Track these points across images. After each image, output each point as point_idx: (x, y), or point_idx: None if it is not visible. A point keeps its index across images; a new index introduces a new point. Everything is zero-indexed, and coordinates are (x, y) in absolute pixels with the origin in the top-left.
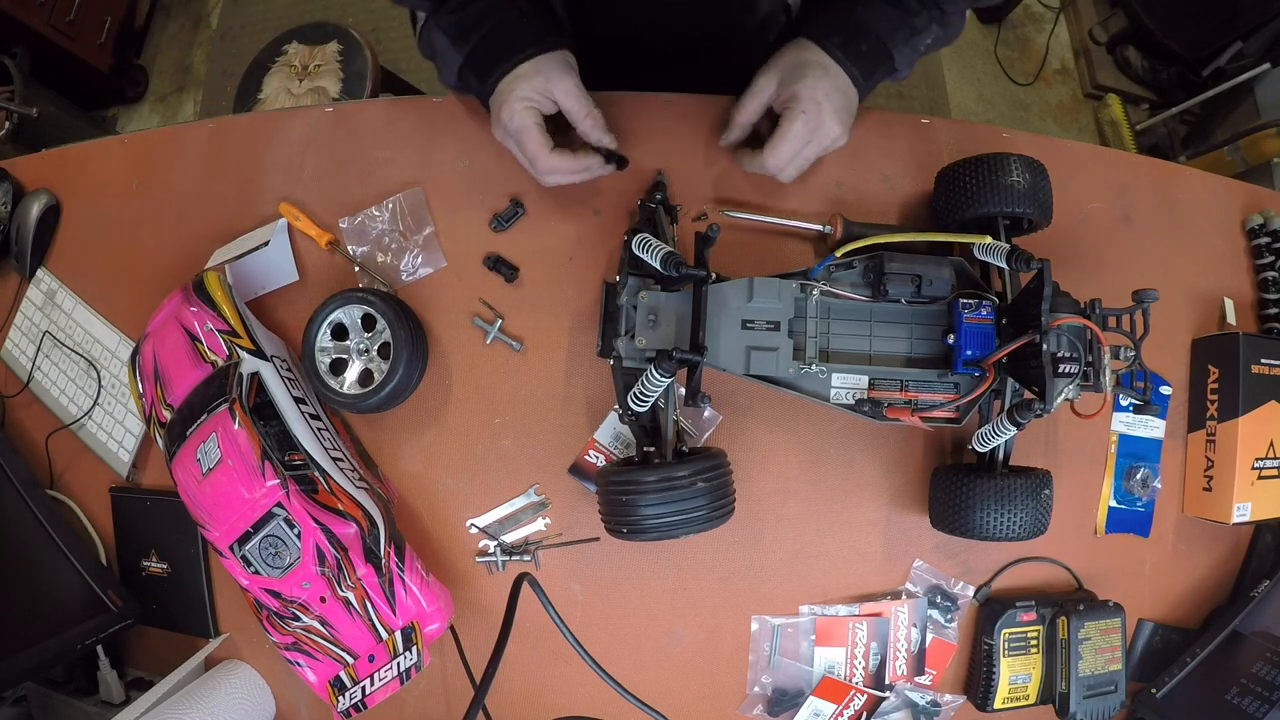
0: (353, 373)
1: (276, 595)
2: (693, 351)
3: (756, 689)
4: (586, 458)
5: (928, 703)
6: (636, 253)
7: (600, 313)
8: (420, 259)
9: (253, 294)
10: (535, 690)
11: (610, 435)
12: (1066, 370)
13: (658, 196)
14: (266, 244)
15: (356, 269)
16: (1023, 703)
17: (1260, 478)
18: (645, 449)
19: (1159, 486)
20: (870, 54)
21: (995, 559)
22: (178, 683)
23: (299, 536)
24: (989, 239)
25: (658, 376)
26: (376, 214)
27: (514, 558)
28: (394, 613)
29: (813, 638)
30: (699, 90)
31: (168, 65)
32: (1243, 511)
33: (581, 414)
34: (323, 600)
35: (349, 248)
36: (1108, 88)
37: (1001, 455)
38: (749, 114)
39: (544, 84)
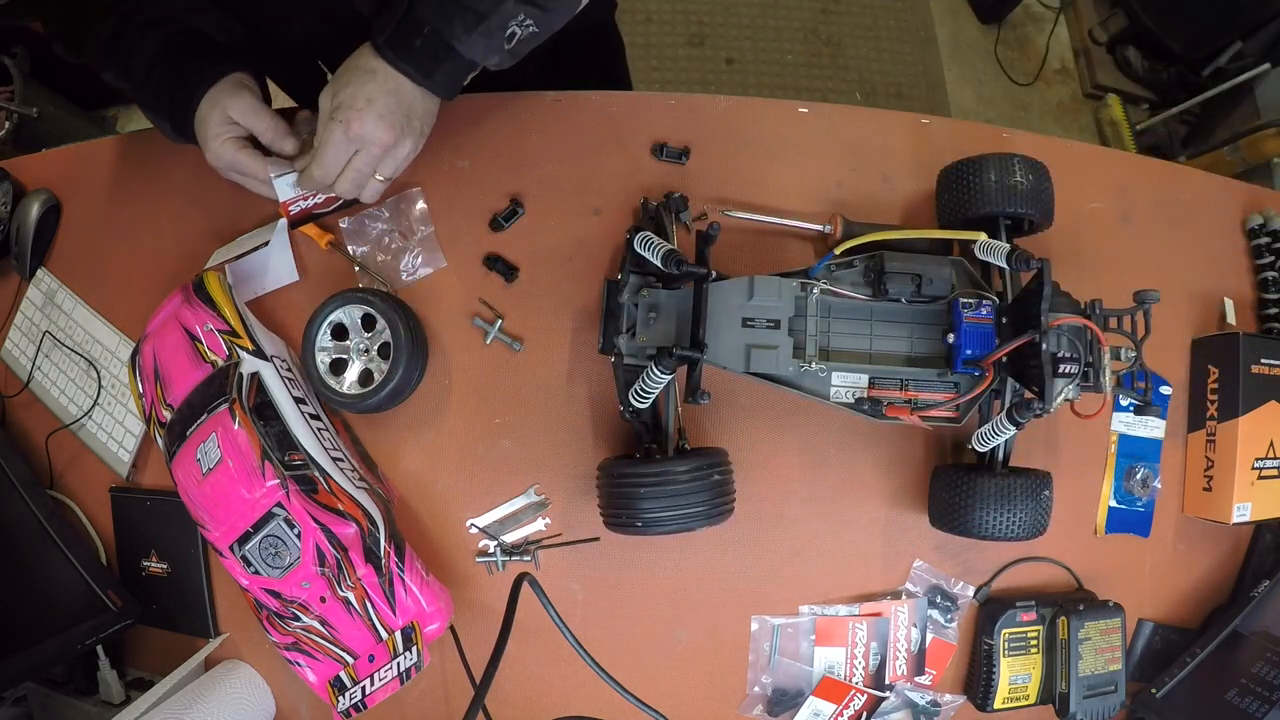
0: (353, 373)
1: (276, 595)
2: (693, 349)
3: (756, 689)
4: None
5: (928, 703)
6: (638, 250)
7: (601, 310)
8: (420, 259)
9: (253, 294)
10: (535, 690)
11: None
12: (1066, 370)
13: (675, 196)
14: (266, 244)
15: (357, 269)
16: (1023, 703)
17: (1260, 478)
18: (647, 445)
19: (1159, 486)
20: (425, 49)
21: (995, 559)
22: (178, 683)
23: (299, 536)
24: (984, 236)
25: (658, 373)
26: (376, 214)
27: (514, 558)
28: (394, 613)
29: (813, 638)
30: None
31: None
32: (1243, 511)
33: (583, 413)
34: (323, 600)
35: (349, 248)
36: (1108, 88)
37: (1001, 455)
38: (301, 130)
39: (222, 114)
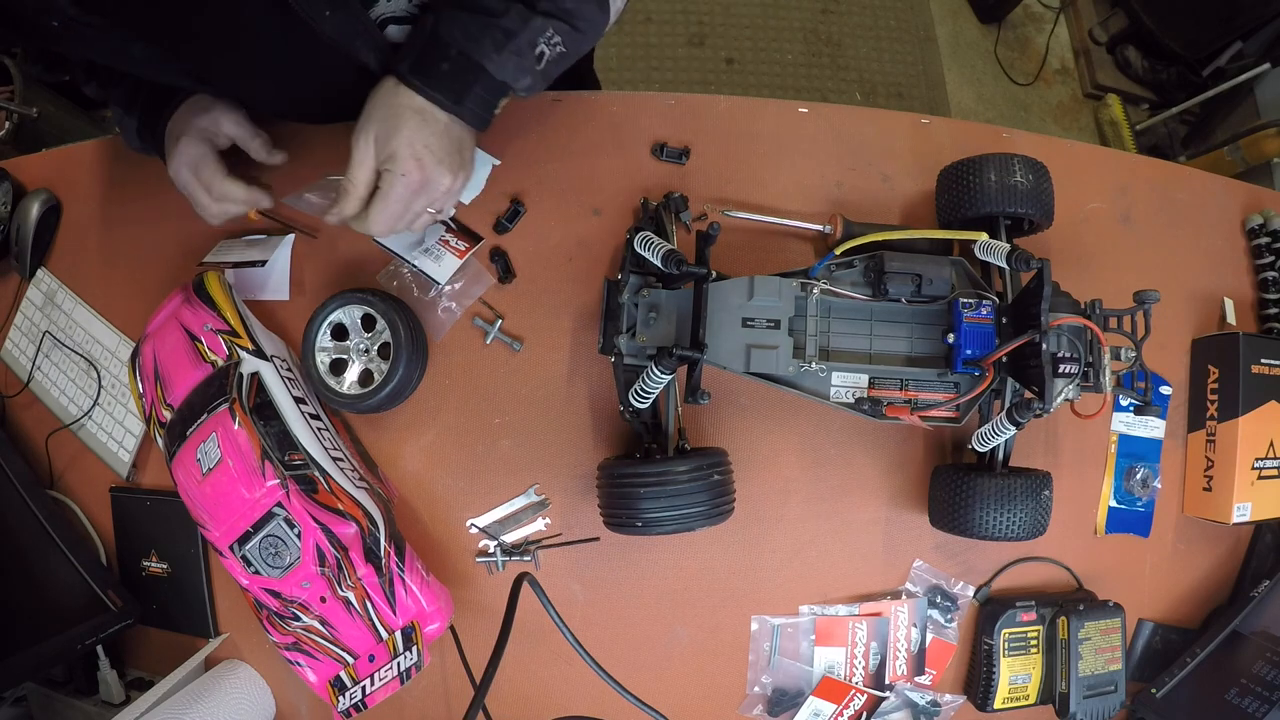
0: (353, 373)
1: (276, 595)
2: (693, 349)
3: (756, 689)
4: None
5: (928, 703)
6: (638, 250)
7: (602, 310)
8: (439, 320)
9: (251, 295)
10: (535, 690)
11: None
12: (1066, 370)
13: (675, 196)
14: (264, 263)
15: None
16: (1023, 703)
17: (1260, 478)
18: (647, 445)
19: (1159, 486)
20: (454, 72)
21: (995, 559)
22: (178, 683)
23: (299, 536)
24: (984, 236)
25: (658, 373)
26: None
27: (514, 558)
28: (394, 613)
29: (813, 638)
30: None
31: None
32: (1243, 511)
33: (583, 413)
34: (323, 600)
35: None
36: (1108, 88)
37: (1001, 455)
38: (361, 185)
39: (213, 119)
